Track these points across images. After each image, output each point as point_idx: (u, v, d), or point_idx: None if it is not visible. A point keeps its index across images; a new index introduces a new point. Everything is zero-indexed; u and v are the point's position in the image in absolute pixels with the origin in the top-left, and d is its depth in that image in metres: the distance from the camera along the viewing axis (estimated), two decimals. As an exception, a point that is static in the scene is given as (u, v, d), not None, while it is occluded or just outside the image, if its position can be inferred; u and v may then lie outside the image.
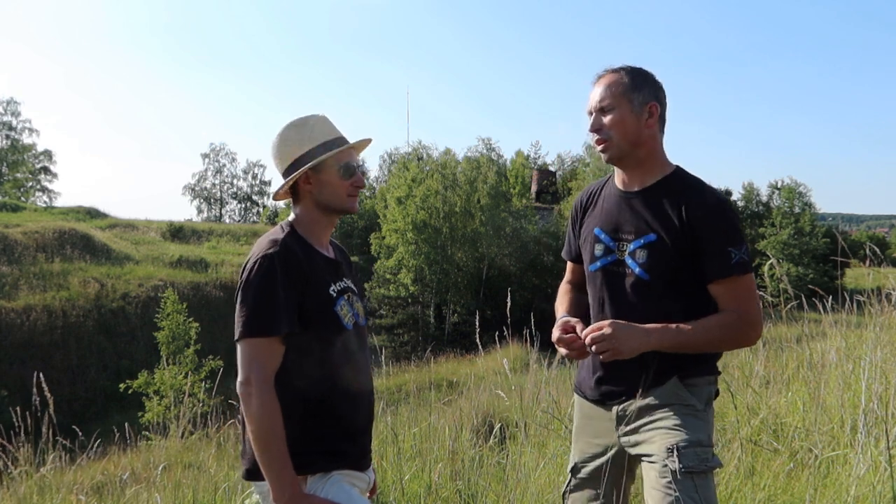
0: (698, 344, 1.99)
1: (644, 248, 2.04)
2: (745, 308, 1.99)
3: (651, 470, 1.97)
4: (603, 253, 2.14)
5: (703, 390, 2.06)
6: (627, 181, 2.14)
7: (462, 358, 18.82)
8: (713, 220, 1.99)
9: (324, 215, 2.04)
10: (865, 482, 2.85)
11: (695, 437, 1.95)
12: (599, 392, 2.16)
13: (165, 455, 4.60)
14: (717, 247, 1.97)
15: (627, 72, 2.08)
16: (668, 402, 2.02)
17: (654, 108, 2.06)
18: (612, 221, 2.14)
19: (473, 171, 37.92)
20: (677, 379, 2.02)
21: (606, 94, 2.06)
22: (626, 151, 2.07)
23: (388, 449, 3.84)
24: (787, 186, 45.35)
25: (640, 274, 2.04)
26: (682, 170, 2.13)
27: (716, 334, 1.98)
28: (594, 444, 2.20)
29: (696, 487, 1.87)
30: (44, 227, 32.75)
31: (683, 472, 1.88)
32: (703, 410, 2.03)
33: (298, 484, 1.83)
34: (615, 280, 2.10)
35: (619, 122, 2.04)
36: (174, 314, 19.58)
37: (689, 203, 2.01)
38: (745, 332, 2.01)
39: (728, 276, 1.98)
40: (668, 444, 1.93)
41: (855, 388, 3.69)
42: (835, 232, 30.40)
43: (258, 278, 1.85)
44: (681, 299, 2.03)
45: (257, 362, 1.82)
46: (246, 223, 60.51)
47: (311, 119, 2.04)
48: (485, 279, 36.20)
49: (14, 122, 54.59)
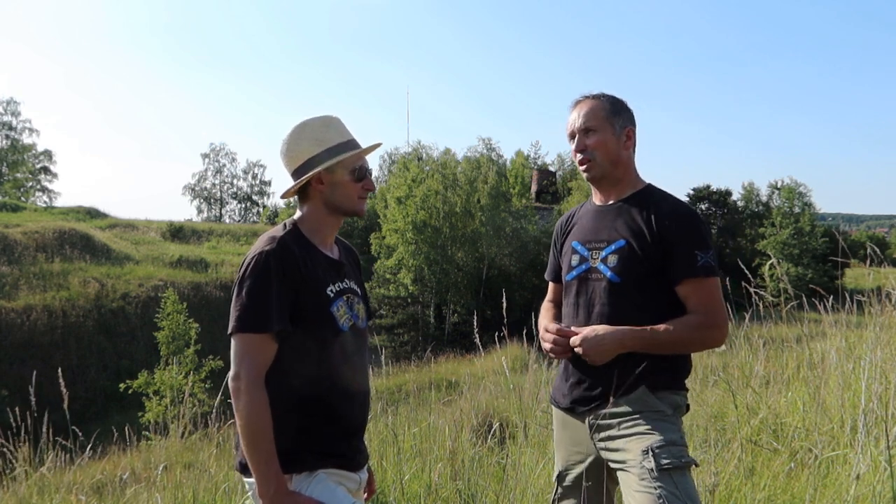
0: (667, 343, 2.09)
1: (615, 254, 2.17)
2: (709, 310, 2.10)
3: (629, 475, 2.02)
4: (578, 262, 2.26)
5: (671, 399, 2.14)
6: (604, 198, 2.29)
7: (462, 358, 18.82)
8: (680, 225, 2.12)
9: (331, 216, 2.05)
10: (865, 482, 2.85)
11: (668, 438, 2.03)
12: (571, 399, 2.23)
13: (165, 455, 4.60)
14: (684, 249, 2.10)
15: (607, 98, 2.25)
16: (637, 410, 2.09)
17: (632, 133, 2.25)
18: (586, 233, 2.28)
19: (473, 171, 37.92)
20: (646, 388, 2.10)
21: (590, 118, 2.21)
22: (606, 171, 2.22)
23: (388, 449, 3.84)
24: (787, 186, 45.32)
25: (612, 277, 2.16)
26: (653, 186, 2.28)
27: (682, 335, 2.08)
28: (574, 451, 2.26)
29: (675, 484, 1.94)
30: (44, 227, 32.76)
31: (661, 470, 1.95)
32: (672, 415, 2.12)
33: (284, 481, 1.84)
34: (588, 286, 2.22)
35: (602, 144, 2.20)
36: (174, 314, 19.59)
37: (658, 211, 2.16)
38: (710, 333, 2.11)
39: (693, 276, 2.09)
40: (642, 448, 2.01)
41: (855, 388, 3.69)
42: (835, 232, 30.40)
43: (253, 275, 1.86)
44: (650, 302, 2.13)
45: (249, 358, 1.84)
46: (246, 223, 60.51)
47: (326, 120, 2.05)
48: (485, 279, 36.19)
49: (14, 122, 54.66)
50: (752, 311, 4.71)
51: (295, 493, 1.85)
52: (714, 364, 5.24)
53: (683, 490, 1.94)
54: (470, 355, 17.25)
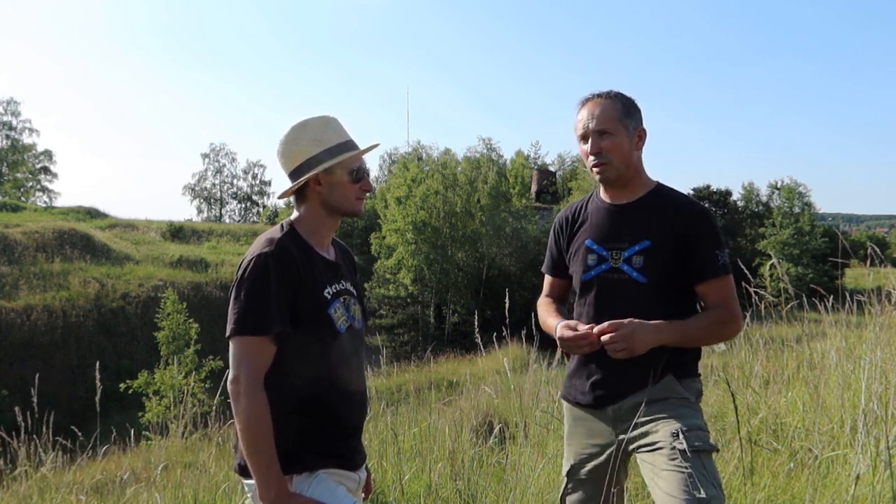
0: (698, 338, 2.21)
1: (640, 254, 2.19)
2: (730, 304, 2.19)
3: (658, 455, 2.06)
4: (596, 262, 2.26)
5: (694, 386, 2.25)
6: (616, 197, 2.29)
7: (462, 358, 18.83)
8: (701, 226, 2.19)
9: (328, 217, 2.04)
10: (865, 482, 2.85)
11: (695, 423, 2.10)
12: (594, 396, 2.24)
13: (165, 455, 4.60)
14: (707, 250, 2.17)
15: (620, 99, 2.23)
16: (664, 397, 2.15)
17: (643, 133, 2.25)
18: (603, 232, 2.27)
19: (473, 171, 37.91)
20: (673, 377, 2.18)
21: (605, 119, 2.19)
22: (621, 173, 2.23)
23: (388, 449, 3.84)
24: (787, 186, 45.31)
25: (638, 277, 2.19)
26: (663, 185, 2.31)
27: (711, 328, 2.19)
28: (589, 444, 2.27)
29: (703, 465, 1.99)
30: (44, 227, 32.76)
31: (692, 451, 2.00)
32: (695, 402, 2.22)
33: (285, 483, 1.84)
34: (611, 286, 2.23)
35: (617, 147, 2.19)
36: (174, 314, 19.60)
37: (677, 212, 2.20)
38: (731, 326, 2.22)
39: (717, 276, 2.17)
40: (672, 430, 2.05)
41: (855, 388, 3.69)
42: (836, 231, 30.38)
43: (252, 277, 1.85)
44: (673, 300, 2.20)
45: (247, 360, 1.83)
46: (246, 223, 60.52)
47: (324, 120, 2.03)
48: (485, 279, 36.20)
49: (14, 122, 54.67)
50: (753, 311, 4.72)
51: (296, 495, 1.85)
52: (714, 364, 5.24)
53: (711, 471, 2.00)
54: (470, 355, 17.25)
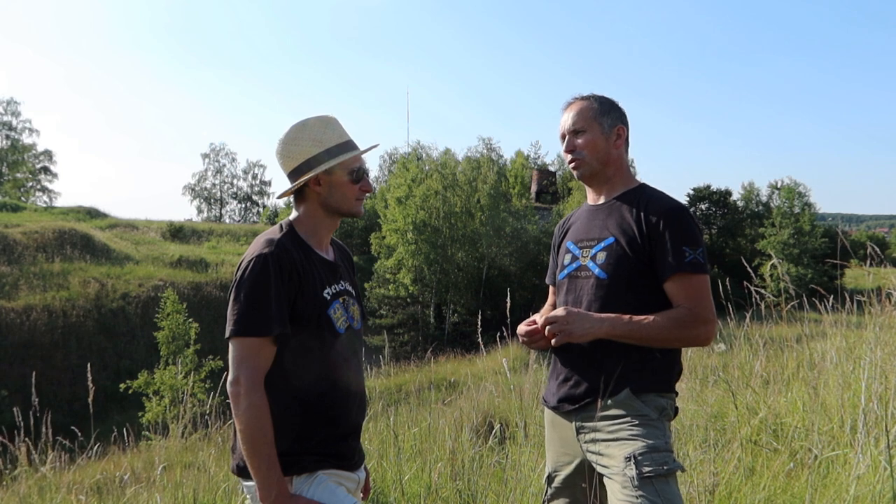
0: (650, 336, 2.04)
1: (604, 251, 2.17)
2: (696, 305, 2.05)
3: (613, 483, 2.01)
4: (570, 261, 2.27)
5: (656, 403, 2.09)
6: (596, 197, 2.31)
7: (462, 358, 18.82)
8: (669, 221, 2.09)
9: (328, 217, 2.03)
10: (865, 482, 2.85)
11: (651, 444, 1.99)
12: (558, 397, 2.23)
13: (165, 455, 4.60)
14: (672, 245, 2.06)
15: (596, 99, 2.27)
16: (621, 414, 2.06)
17: (622, 131, 2.25)
18: (579, 233, 2.29)
19: (473, 171, 37.93)
20: (630, 391, 2.07)
21: (579, 118, 2.24)
22: (596, 169, 2.24)
23: (388, 449, 3.84)
24: (786, 186, 45.32)
25: (599, 274, 2.16)
26: (646, 185, 2.27)
27: (667, 328, 2.03)
28: (563, 452, 2.26)
29: (657, 492, 1.91)
30: (44, 227, 32.75)
31: (642, 478, 1.92)
32: (656, 419, 2.07)
33: (285, 485, 1.83)
34: (577, 284, 2.22)
35: (590, 143, 2.22)
36: (174, 314, 19.57)
37: (647, 208, 2.14)
38: (696, 328, 2.05)
39: (681, 272, 2.05)
40: (625, 454, 1.98)
41: (855, 388, 3.69)
42: (836, 231, 30.39)
43: (252, 278, 1.84)
44: (638, 300, 2.10)
45: (247, 362, 1.82)
46: (246, 223, 60.51)
47: (324, 120, 2.03)
48: (485, 279, 36.20)
49: (14, 122, 54.63)
50: (753, 311, 4.72)
51: (296, 497, 1.84)
52: (714, 364, 5.24)
53: (666, 498, 1.90)
54: (470, 355, 17.24)
